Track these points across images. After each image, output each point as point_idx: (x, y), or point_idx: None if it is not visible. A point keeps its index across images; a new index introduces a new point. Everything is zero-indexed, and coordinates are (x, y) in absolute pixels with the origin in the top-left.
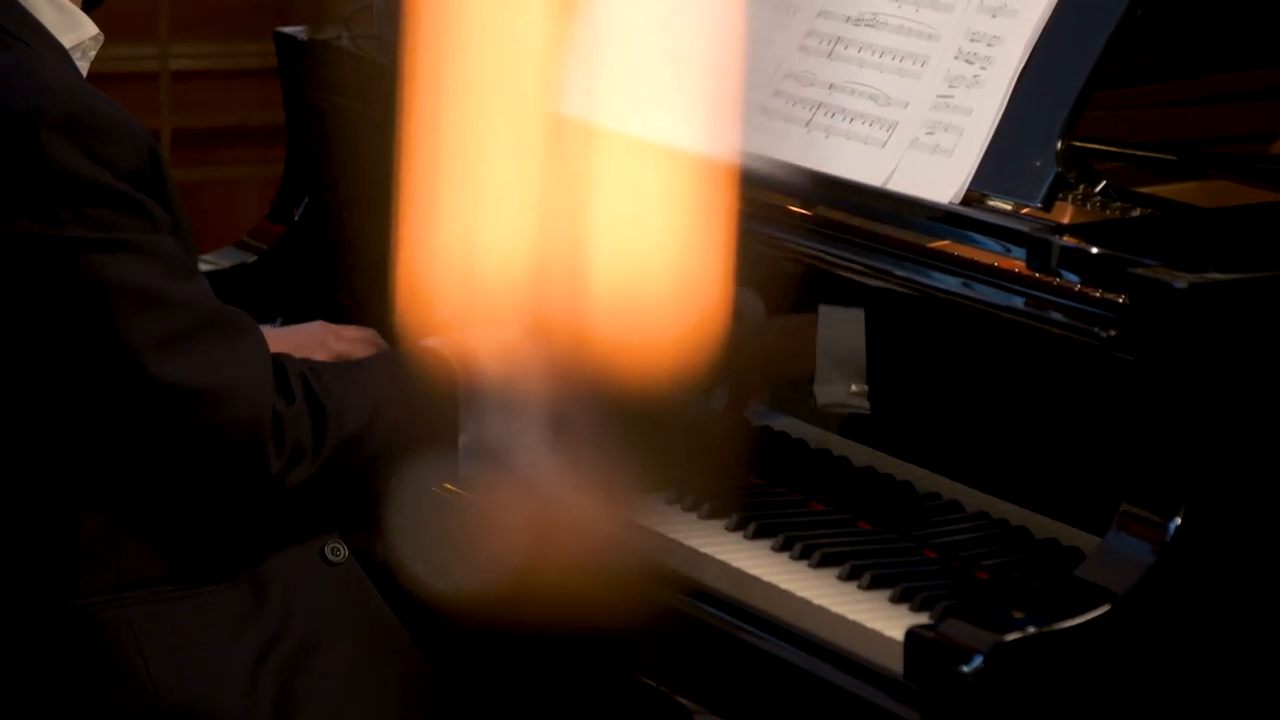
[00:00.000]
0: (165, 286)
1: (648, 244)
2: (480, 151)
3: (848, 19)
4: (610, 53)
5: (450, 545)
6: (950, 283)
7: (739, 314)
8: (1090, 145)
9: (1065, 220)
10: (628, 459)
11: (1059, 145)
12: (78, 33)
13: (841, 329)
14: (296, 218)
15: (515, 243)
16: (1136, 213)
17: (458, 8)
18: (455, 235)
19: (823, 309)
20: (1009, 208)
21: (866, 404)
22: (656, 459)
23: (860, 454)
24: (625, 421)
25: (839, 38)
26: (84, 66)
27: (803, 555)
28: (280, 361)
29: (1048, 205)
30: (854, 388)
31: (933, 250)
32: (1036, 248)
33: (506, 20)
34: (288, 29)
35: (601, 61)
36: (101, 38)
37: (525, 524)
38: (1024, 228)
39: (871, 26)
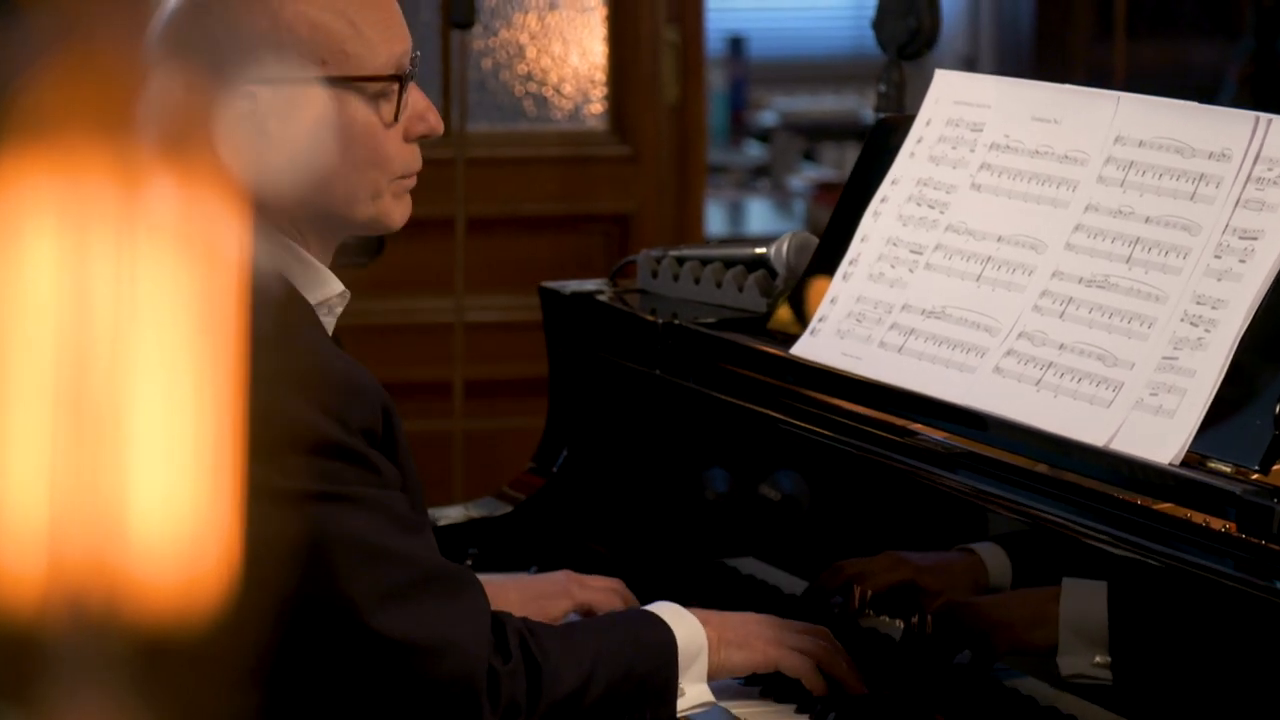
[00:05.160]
0: (389, 541)
1: None
2: None
3: (1080, 280)
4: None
5: None
6: (1166, 545)
7: (987, 572)
8: None
9: None
10: None
11: (1278, 409)
12: (324, 290)
13: (1084, 601)
14: (555, 470)
15: None
16: None
17: None
18: None
19: (1066, 581)
20: (1228, 470)
21: (1109, 674)
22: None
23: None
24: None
25: (1071, 298)
26: (329, 323)
27: None
28: (500, 619)
29: (1265, 469)
30: (1097, 659)
31: (1153, 512)
32: (1252, 513)
33: None
34: (552, 284)
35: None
36: (348, 295)
37: None
38: (1237, 490)
39: (1103, 288)
